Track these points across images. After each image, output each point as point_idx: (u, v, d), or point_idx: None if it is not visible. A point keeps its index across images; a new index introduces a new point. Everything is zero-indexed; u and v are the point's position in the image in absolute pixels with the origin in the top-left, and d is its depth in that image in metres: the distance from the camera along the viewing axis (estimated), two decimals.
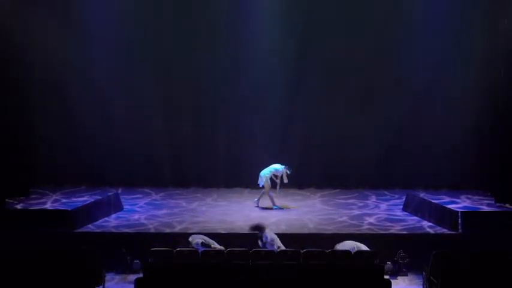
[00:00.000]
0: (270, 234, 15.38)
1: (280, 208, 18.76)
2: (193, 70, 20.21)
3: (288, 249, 14.88)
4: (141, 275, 13.96)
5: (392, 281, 13.96)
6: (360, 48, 19.88)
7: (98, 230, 16.96)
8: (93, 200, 18.29)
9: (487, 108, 19.50)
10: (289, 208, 18.78)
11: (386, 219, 17.85)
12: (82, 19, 19.67)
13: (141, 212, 18.45)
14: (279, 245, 15.13)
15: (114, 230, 16.96)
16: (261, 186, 18.77)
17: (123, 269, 15.97)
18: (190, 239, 15.23)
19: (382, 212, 18.51)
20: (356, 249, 14.80)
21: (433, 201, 18.18)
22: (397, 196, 19.75)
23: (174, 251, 14.57)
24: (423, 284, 15.05)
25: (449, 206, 17.72)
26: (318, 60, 20.05)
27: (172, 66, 20.15)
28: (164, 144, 20.53)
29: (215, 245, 15.16)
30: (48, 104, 20.07)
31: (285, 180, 18.82)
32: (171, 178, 20.65)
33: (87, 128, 20.23)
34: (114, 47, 19.92)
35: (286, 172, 18.77)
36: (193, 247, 14.94)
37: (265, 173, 18.72)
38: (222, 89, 20.31)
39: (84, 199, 18.56)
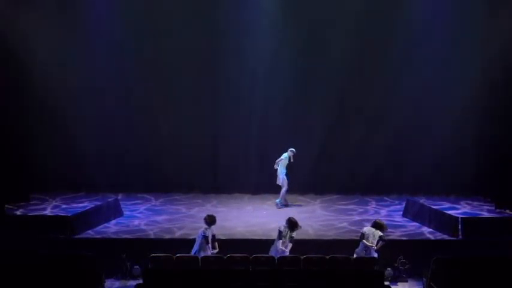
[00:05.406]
0: None
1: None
2: (192, 76, 20.19)
3: (288, 255, 14.85)
4: (141, 281, 13.96)
5: (393, 287, 13.96)
6: (359, 54, 19.90)
7: (97, 236, 16.96)
8: (93, 205, 18.29)
9: (487, 114, 19.52)
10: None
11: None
12: (78, 22, 19.70)
13: (141, 217, 18.45)
14: None
15: (114, 236, 16.96)
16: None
17: (122, 274, 15.97)
18: None
19: (382, 218, 18.41)
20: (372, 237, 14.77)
21: (433, 207, 18.17)
22: (397, 202, 19.74)
23: (174, 256, 14.54)
24: None
25: (449, 212, 17.74)
26: (318, 65, 20.04)
27: (170, 72, 20.12)
28: (164, 150, 20.51)
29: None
30: (49, 110, 20.05)
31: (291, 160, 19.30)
32: (170, 184, 20.62)
33: (87, 134, 20.22)
34: (115, 50, 19.92)
35: (292, 153, 19.21)
36: None
37: (283, 170, 19.06)
38: (222, 94, 20.32)
39: (84, 205, 18.59)
